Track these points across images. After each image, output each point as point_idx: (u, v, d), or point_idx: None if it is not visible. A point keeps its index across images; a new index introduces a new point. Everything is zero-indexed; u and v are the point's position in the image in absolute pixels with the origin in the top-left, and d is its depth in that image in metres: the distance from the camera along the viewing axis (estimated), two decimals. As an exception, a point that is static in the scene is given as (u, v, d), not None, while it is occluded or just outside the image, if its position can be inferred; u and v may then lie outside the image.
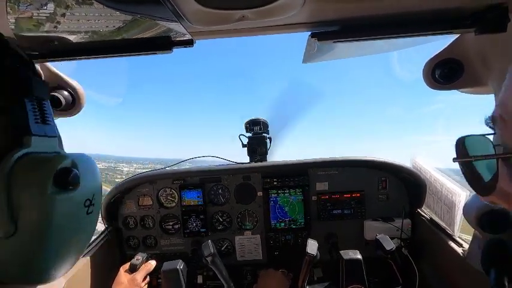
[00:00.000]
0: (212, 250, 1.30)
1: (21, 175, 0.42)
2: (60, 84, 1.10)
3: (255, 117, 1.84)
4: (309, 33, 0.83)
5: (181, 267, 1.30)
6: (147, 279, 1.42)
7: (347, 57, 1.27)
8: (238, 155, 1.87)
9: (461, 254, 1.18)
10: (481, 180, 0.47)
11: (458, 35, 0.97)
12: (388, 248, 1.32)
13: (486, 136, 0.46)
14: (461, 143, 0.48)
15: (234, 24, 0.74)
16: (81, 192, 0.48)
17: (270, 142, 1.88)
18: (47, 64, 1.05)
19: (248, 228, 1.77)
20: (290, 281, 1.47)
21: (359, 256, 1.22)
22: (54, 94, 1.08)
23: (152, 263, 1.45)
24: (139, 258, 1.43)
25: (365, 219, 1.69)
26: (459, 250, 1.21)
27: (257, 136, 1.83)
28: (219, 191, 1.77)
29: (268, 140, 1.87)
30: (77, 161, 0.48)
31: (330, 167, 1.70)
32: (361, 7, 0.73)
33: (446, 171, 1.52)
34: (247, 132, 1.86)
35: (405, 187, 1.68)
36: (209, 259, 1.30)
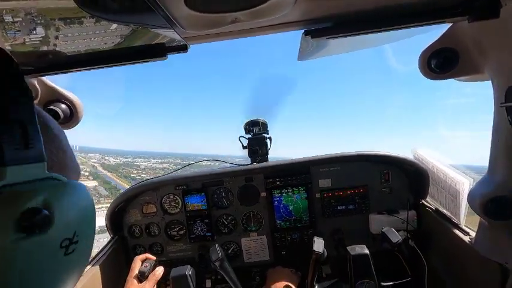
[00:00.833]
0: (220, 255, 1.30)
1: None
2: (57, 97, 1.10)
3: (254, 118, 1.84)
4: (302, 31, 0.83)
5: (189, 272, 1.30)
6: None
7: (342, 52, 1.27)
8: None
9: (468, 242, 1.18)
10: None
11: (451, 24, 0.97)
12: (395, 241, 1.31)
13: None
14: None
15: (227, 27, 0.74)
16: (55, 233, 0.41)
17: (270, 142, 1.88)
18: (43, 78, 1.06)
19: (254, 229, 1.77)
20: (299, 279, 1.47)
21: (366, 251, 1.22)
22: (51, 108, 1.08)
23: (160, 270, 1.45)
24: (147, 265, 1.43)
25: (370, 213, 1.69)
26: (466, 238, 1.21)
27: (257, 137, 1.83)
28: (222, 194, 1.76)
29: (268, 140, 1.87)
30: (55, 196, 0.42)
31: (332, 164, 1.70)
32: (352, 2, 0.73)
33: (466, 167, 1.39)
34: (246, 133, 1.86)
35: (408, 179, 1.67)
36: (217, 264, 1.29)
